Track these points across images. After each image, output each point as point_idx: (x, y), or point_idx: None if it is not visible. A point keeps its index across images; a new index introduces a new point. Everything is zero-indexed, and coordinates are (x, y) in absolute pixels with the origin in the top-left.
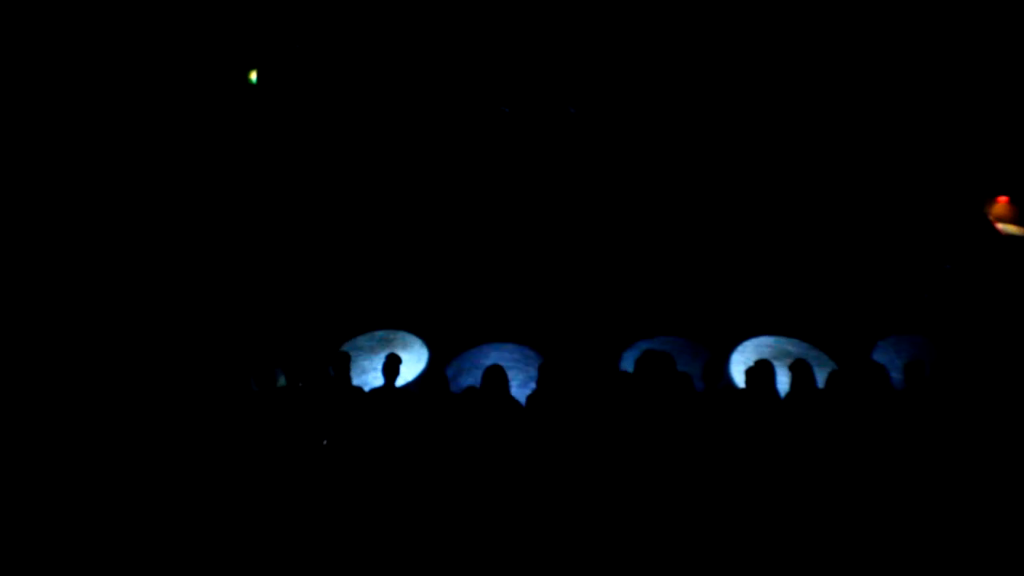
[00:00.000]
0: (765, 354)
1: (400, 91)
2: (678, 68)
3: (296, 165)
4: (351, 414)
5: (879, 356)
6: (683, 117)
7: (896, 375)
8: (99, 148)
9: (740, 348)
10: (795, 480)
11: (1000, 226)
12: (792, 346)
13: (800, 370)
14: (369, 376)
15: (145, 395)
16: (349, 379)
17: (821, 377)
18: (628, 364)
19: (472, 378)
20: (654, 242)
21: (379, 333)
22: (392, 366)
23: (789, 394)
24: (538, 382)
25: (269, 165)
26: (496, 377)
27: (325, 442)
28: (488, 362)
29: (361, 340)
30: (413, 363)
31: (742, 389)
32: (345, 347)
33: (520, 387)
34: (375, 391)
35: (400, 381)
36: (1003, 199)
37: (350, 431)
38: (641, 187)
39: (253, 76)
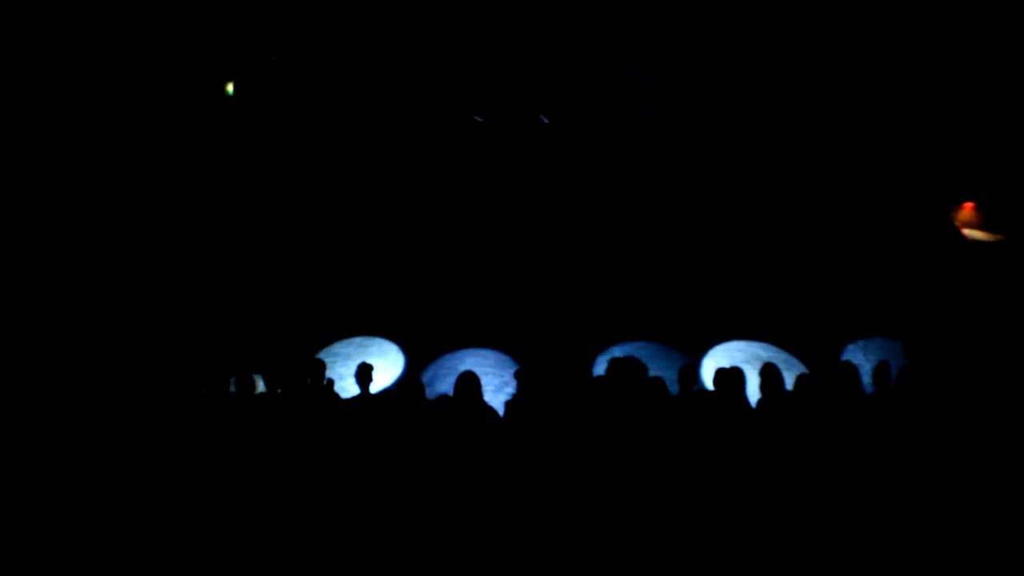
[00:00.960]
0: (737, 359)
1: (373, 101)
2: (648, 76)
3: (272, 173)
4: (327, 421)
5: (847, 359)
6: (653, 125)
7: (864, 378)
8: (75, 156)
9: (712, 352)
10: (765, 483)
11: (966, 232)
12: (763, 350)
13: (769, 374)
14: (346, 383)
15: (123, 398)
16: (326, 386)
17: (791, 380)
18: (601, 369)
19: (448, 384)
20: (626, 247)
21: (355, 339)
22: (364, 374)
23: (759, 398)
24: (516, 388)
25: (246, 173)
26: (469, 383)
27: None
28: (464, 367)
29: (337, 347)
30: (389, 369)
31: (714, 392)
32: (321, 354)
33: (495, 392)
34: (349, 399)
35: (376, 388)
36: (969, 205)
37: (326, 439)
38: (614, 193)
39: (230, 87)
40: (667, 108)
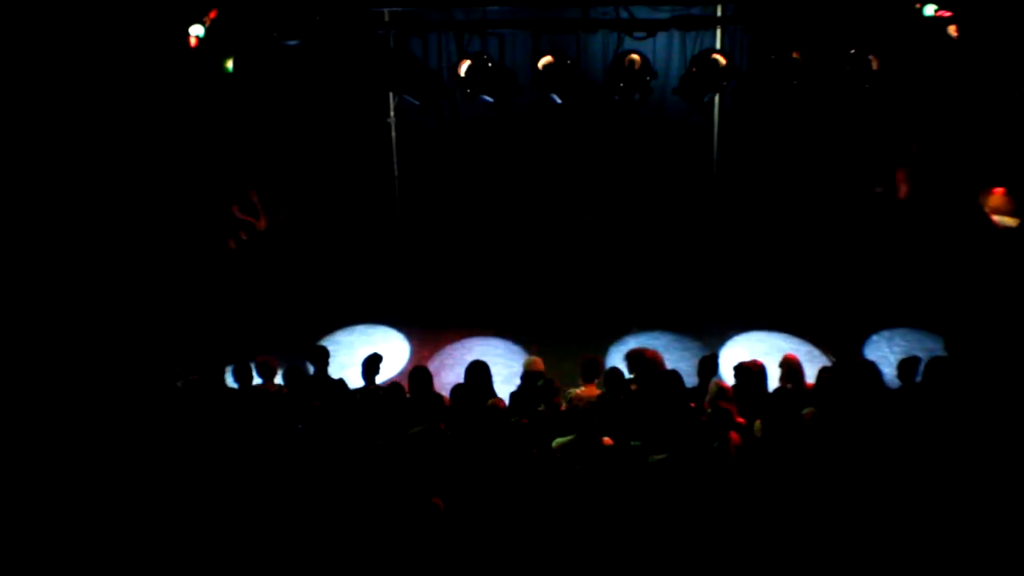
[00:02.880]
0: (757, 350)
1: (379, 80)
2: (664, 58)
3: (273, 155)
4: (330, 411)
5: (872, 350)
6: (673, 110)
7: (889, 371)
8: (65, 142)
9: (731, 343)
10: (781, 483)
11: (996, 218)
12: (785, 341)
13: (789, 367)
14: (348, 373)
15: (119, 392)
16: (328, 375)
17: (813, 373)
18: (616, 359)
19: (455, 374)
20: (643, 234)
21: (358, 327)
22: (372, 366)
23: (777, 390)
24: (522, 378)
25: (246, 155)
26: (479, 373)
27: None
28: (471, 357)
29: (340, 335)
30: (394, 358)
31: (733, 386)
32: (323, 342)
33: (504, 383)
34: (355, 391)
35: (381, 378)
36: (999, 190)
37: (329, 430)
38: (631, 179)
39: (229, 64)
40: (688, 87)
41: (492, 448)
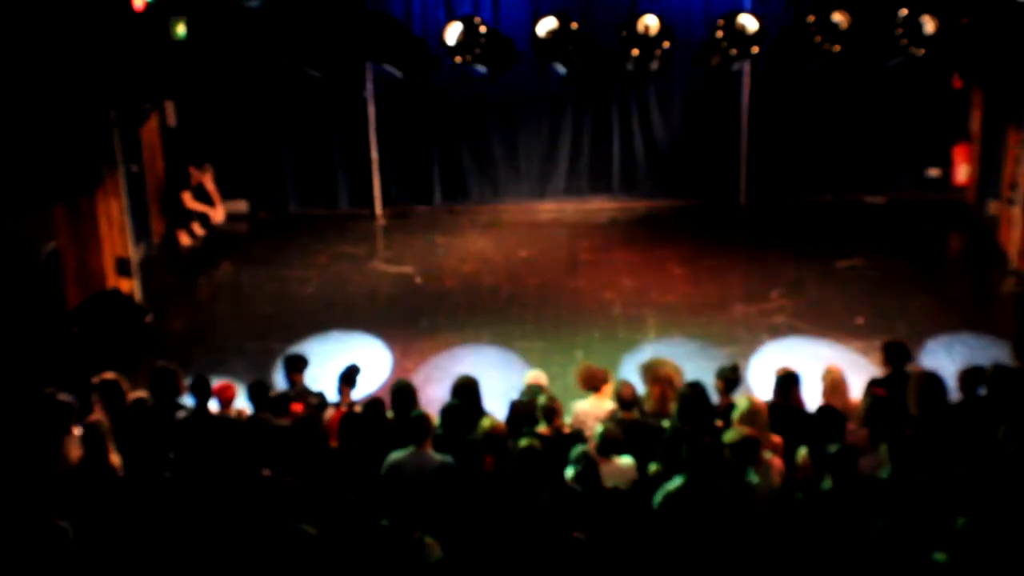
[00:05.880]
0: (793, 359)
1: (355, 49)
2: (683, 20)
3: (231, 133)
4: (302, 434)
5: (927, 360)
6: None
7: (948, 383)
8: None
9: (763, 350)
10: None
11: None
12: (826, 348)
13: (832, 379)
14: (321, 387)
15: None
16: (305, 388)
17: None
18: (629, 370)
19: (443, 388)
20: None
21: (333, 335)
22: (349, 378)
23: (821, 410)
24: (522, 394)
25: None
26: (467, 392)
27: None
28: (462, 369)
29: (310, 343)
30: (373, 371)
31: (768, 402)
32: (292, 352)
33: (500, 398)
34: (331, 407)
35: (358, 394)
36: None
37: (299, 454)
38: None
39: (181, 29)
40: (712, 54)
41: (490, 478)
